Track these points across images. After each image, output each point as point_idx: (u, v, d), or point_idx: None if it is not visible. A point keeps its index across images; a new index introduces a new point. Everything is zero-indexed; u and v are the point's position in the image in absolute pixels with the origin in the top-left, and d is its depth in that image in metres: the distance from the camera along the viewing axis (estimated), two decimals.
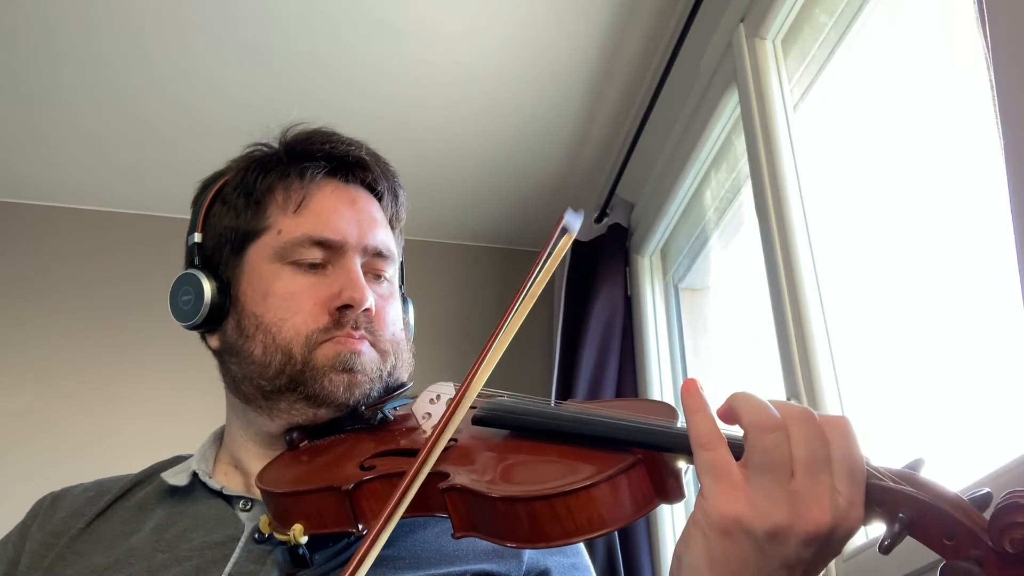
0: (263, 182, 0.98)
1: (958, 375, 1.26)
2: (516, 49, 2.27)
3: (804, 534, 0.58)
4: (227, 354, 0.97)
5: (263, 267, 0.95)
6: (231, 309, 0.96)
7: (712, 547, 0.60)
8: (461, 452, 0.79)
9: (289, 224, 0.96)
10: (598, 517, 0.66)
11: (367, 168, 1.03)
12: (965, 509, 0.56)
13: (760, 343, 1.75)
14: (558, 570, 0.92)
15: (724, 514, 0.59)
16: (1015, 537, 0.52)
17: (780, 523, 0.58)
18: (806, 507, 0.58)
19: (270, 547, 0.86)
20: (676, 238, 2.38)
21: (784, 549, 0.58)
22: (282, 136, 1.03)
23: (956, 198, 1.30)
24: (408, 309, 1.07)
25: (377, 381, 0.93)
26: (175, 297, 0.97)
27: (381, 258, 0.99)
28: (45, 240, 2.71)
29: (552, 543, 0.67)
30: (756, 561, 0.59)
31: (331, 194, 0.99)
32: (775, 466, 0.59)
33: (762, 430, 0.59)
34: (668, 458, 0.68)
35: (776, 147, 1.68)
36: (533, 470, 0.73)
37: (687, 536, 0.62)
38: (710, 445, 0.61)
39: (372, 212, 1.01)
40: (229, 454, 1.01)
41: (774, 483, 0.59)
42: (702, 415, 0.62)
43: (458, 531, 0.72)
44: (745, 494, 0.59)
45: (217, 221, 1.00)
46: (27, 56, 2.23)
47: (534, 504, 0.66)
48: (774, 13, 1.72)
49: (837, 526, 0.58)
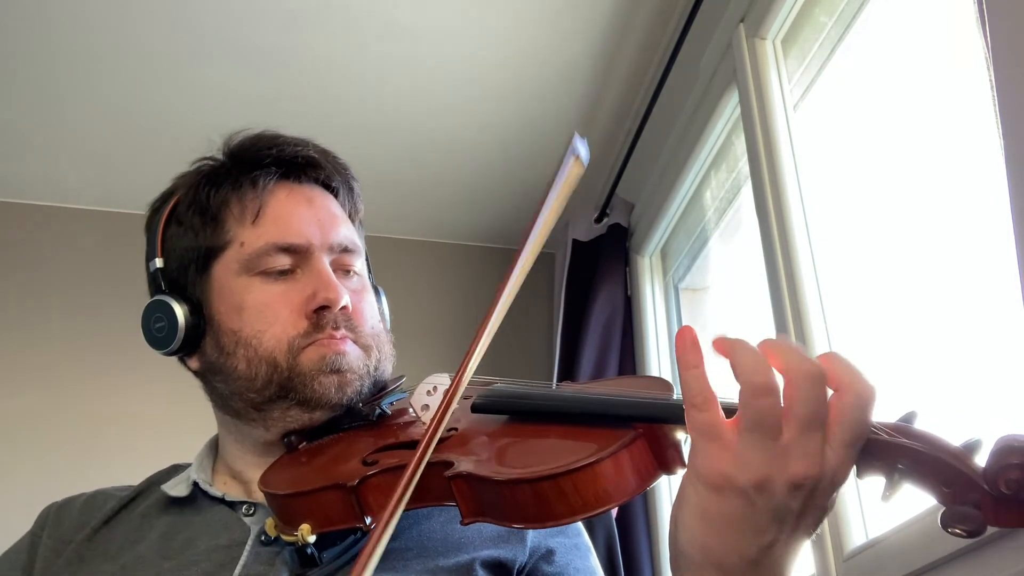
0: (216, 196, 0.97)
1: (958, 375, 1.26)
2: (515, 49, 2.26)
3: (788, 484, 0.59)
4: (210, 373, 0.96)
5: (232, 282, 0.94)
6: (207, 329, 0.95)
7: (704, 503, 0.61)
8: (462, 440, 0.79)
9: (250, 235, 0.95)
10: (604, 492, 0.67)
11: (318, 166, 1.01)
12: (960, 456, 0.58)
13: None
14: (561, 550, 0.93)
15: (714, 471, 0.61)
16: (1010, 478, 0.55)
17: (766, 474, 0.59)
18: (794, 460, 0.59)
19: (278, 548, 0.86)
20: (676, 238, 2.38)
21: (772, 499, 0.59)
22: (225, 146, 1.02)
23: (956, 198, 1.30)
24: (381, 299, 1.06)
25: (366, 377, 0.93)
26: (147, 326, 0.96)
27: (348, 253, 0.99)
28: (45, 240, 2.71)
29: (560, 521, 0.68)
30: (747, 514, 0.60)
31: (286, 198, 0.98)
32: (767, 427, 0.60)
33: (756, 393, 0.60)
34: (667, 430, 0.70)
35: (776, 147, 1.68)
36: (536, 452, 0.73)
37: (681, 494, 0.63)
38: (702, 406, 0.62)
39: (331, 209, 1.00)
40: (226, 466, 1.00)
41: (764, 439, 0.60)
42: (695, 373, 0.62)
43: (466, 518, 0.73)
44: (734, 451, 0.60)
45: (176, 243, 0.98)
46: (27, 56, 2.23)
47: (540, 484, 0.67)
48: (774, 13, 1.72)
49: (821, 478, 0.60)
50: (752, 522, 0.60)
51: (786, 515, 0.60)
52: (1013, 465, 0.55)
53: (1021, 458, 0.55)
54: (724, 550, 0.61)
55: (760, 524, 0.60)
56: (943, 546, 1.07)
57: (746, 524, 0.60)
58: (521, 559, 0.91)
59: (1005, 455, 0.56)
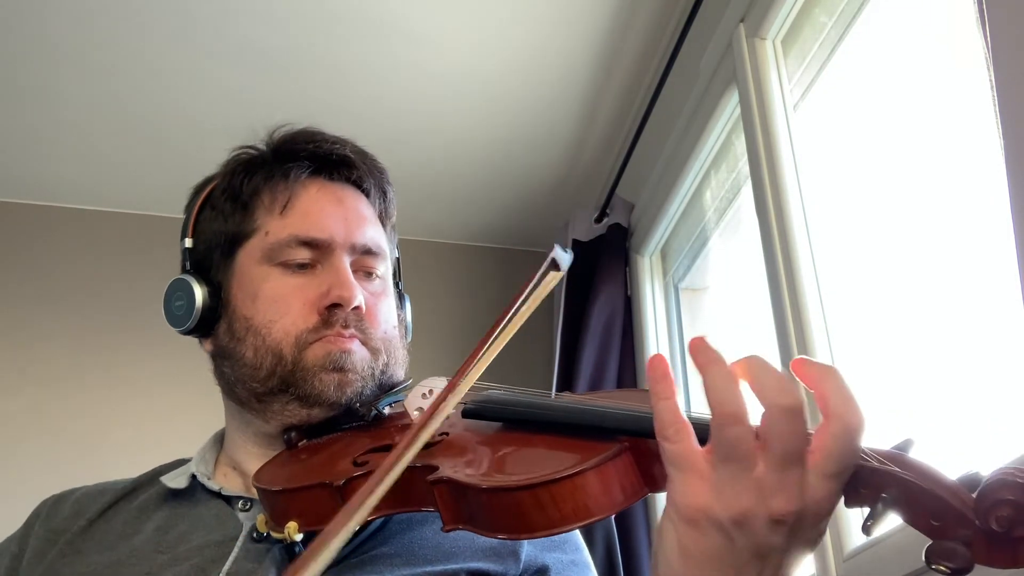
0: (249, 184, 0.98)
1: (958, 375, 1.26)
2: (516, 49, 2.27)
3: (767, 519, 0.57)
4: (220, 357, 0.97)
5: (252, 269, 0.95)
6: (223, 313, 0.96)
7: (682, 538, 0.59)
8: (451, 445, 0.78)
9: (276, 225, 0.95)
10: (583, 506, 0.65)
11: (352, 166, 1.02)
12: (952, 489, 0.55)
13: (760, 343, 1.75)
14: (556, 568, 0.91)
15: (690, 504, 0.58)
16: (1001, 515, 0.52)
17: (744, 509, 0.57)
18: (772, 495, 0.57)
19: (268, 545, 0.86)
20: (676, 238, 2.38)
21: (752, 537, 0.57)
22: (268, 138, 1.03)
23: (956, 198, 1.31)
24: (405, 306, 1.06)
25: (369, 379, 0.92)
26: (168, 303, 0.98)
27: (371, 255, 0.99)
28: (45, 240, 2.71)
29: (536, 534, 0.66)
30: (726, 550, 0.58)
31: (316, 193, 0.98)
32: (739, 457, 0.57)
33: (726, 421, 0.57)
34: (655, 445, 0.67)
35: (776, 147, 1.68)
36: (521, 461, 0.72)
37: (660, 529, 0.61)
38: (674, 437, 0.59)
39: (360, 209, 1.00)
40: (229, 456, 1.00)
41: (739, 472, 0.57)
42: (666, 404, 0.60)
43: (447, 524, 0.72)
44: (710, 483, 0.58)
45: (207, 225, 1.00)
46: (27, 56, 2.23)
47: (519, 494, 0.66)
48: (774, 13, 1.72)
49: (804, 513, 0.57)
50: (732, 559, 0.58)
51: (769, 552, 0.57)
52: (1005, 501, 0.52)
53: (1015, 494, 0.52)
54: None
55: (741, 561, 0.58)
56: None
57: (726, 561, 0.58)
58: (513, 573, 0.89)
59: (997, 490, 0.53)
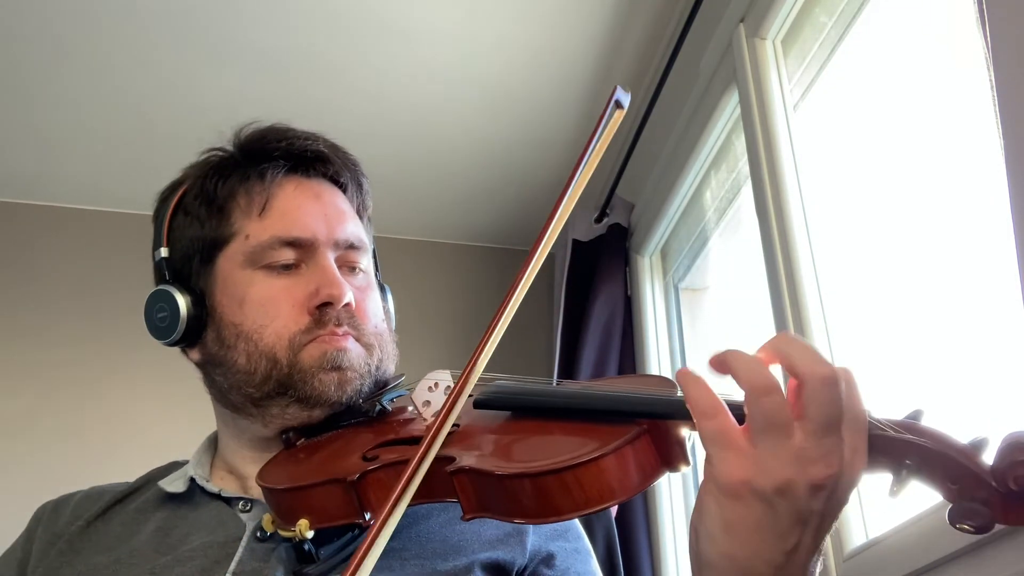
0: (224, 188, 0.96)
1: (958, 375, 1.26)
2: (516, 49, 2.26)
3: (809, 486, 0.59)
4: (210, 366, 0.96)
5: (236, 274, 0.94)
6: (209, 321, 0.94)
7: (725, 512, 0.61)
8: (465, 436, 0.79)
9: (256, 228, 0.94)
10: (607, 488, 0.67)
11: (327, 161, 1.01)
12: (967, 452, 0.58)
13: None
14: (561, 555, 0.92)
15: (733, 479, 0.60)
16: (1019, 475, 0.55)
17: (787, 478, 0.59)
18: (811, 463, 0.59)
19: (273, 545, 0.86)
20: (676, 238, 2.38)
21: (794, 503, 0.59)
22: (236, 138, 1.01)
23: (956, 198, 1.31)
24: (387, 297, 1.05)
25: (367, 376, 0.92)
26: (150, 315, 0.95)
27: (354, 250, 0.98)
28: (45, 240, 2.71)
29: (562, 516, 0.68)
30: (769, 519, 0.60)
31: (294, 192, 0.97)
32: (777, 427, 0.59)
33: (759, 393, 0.60)
34: (671, 426, 0.70)
35: (776, 147, 1.68)
36: (539, 447, 0.73)
37: (700, 505, 0.63)
38: (711, 413, 0.61)
39: (338, 204, 0.99)
40: (224, 461, 1.00)
41: (778, 442, 0.59)
42: (699, 386, 0.62)
43: (467, 513, 0.73)
44: (751, 457, 0.60)
45: (182, 233, 0.98)
46: (29, 56, 2.23)
47: (544, 479, 0.67)
48: (774, 13, 1.72)
49: (842, 474, 0.59)
50: (775, 527, 0.60)
51: (809, 517, 0.60)
52: (1022, 462, 0.55)
53: None
54: (749, 557, 0.60)
55: (783, 528, 0.60)
56: (943, 546, 1.07)
57: (769, 530, 0.60)
58: (520, 562, 0.90)
59: (1014, 452, 0.56)
